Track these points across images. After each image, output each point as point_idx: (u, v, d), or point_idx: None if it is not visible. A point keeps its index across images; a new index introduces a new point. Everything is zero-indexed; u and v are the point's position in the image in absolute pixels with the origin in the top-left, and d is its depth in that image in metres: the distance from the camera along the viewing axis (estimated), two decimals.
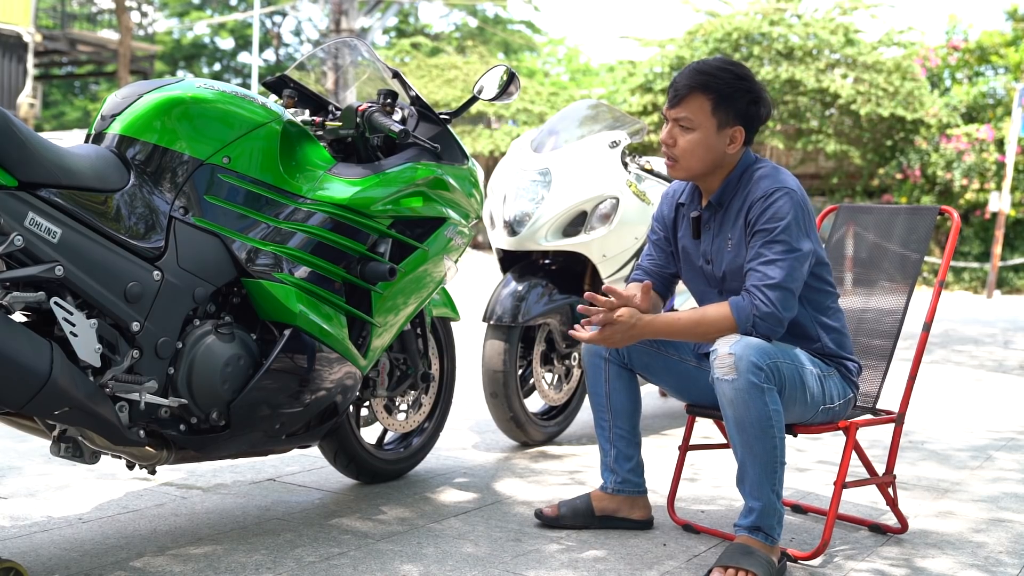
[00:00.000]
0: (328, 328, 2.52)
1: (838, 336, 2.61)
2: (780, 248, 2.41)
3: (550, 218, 3.65)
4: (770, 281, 2.40)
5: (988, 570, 2.53)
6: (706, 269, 2.61)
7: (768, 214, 2.44)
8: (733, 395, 2.33)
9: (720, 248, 2.56)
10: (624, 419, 2.73)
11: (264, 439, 2.50)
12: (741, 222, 2.51)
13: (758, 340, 2.37)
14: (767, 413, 2.34)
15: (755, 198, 2.47)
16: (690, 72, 2.50)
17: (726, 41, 16.30)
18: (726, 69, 2.50)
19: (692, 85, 2.48)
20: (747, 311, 2.40)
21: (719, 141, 2.50)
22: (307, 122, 2.79)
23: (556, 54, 36.55)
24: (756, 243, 2.44)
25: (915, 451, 3.92)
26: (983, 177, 15.44)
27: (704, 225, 2.61)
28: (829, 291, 2.61)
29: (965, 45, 17.63)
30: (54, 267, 2.01)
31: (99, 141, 2.31)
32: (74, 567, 2.30)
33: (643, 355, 2.69)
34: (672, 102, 2.52)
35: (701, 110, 2.48)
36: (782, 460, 2.39)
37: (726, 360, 2.34)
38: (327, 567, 2.37)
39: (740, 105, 2.50)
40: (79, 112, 33.02)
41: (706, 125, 2.49)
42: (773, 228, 2.42)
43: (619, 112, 4.16)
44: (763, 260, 2.42)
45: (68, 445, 2.25)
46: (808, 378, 2.47)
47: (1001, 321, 10.31)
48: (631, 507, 2.76)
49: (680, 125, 2.51)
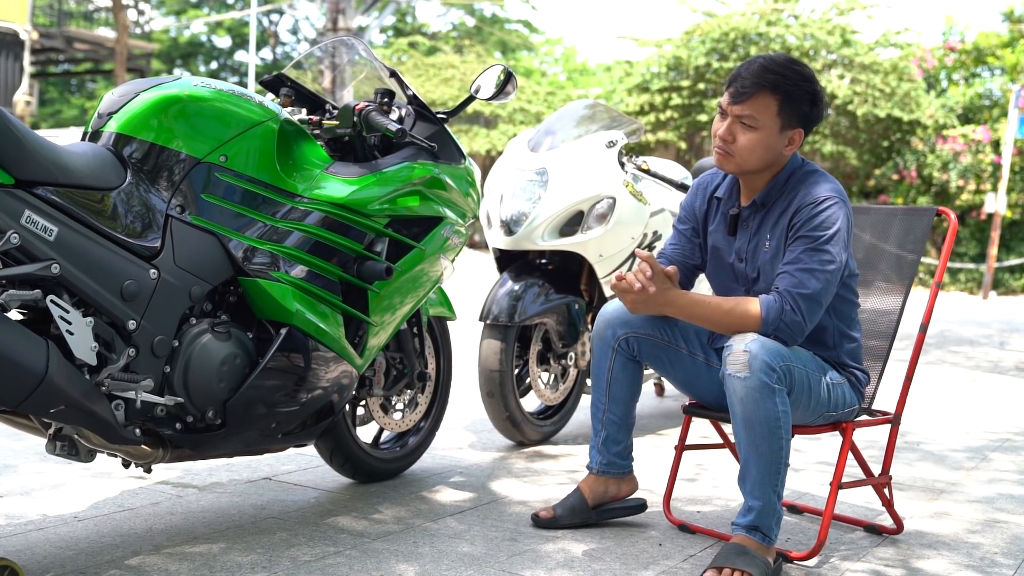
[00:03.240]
0: (324, 327, 2.52)
1: (854, 347, 2.60)
2: (822, 258, 2.38)
3: (547, 218, 3.65)
4: (805, 291, 2.37)
5: (983, 571, 2.53)
6: (737, 267, 2.59)
7: (816, 221, 2.40)
8: (744, 393, 2.33)
9: (757, 248, 2.54)
10: (619, 406, 2.72)
11: (260, 438, 2.50)
12: (784, 223, 2.47)
13: (774, 342, 2.36)
14: (776, 414, 2.33)
15: (805, 202, 2.43)
16: (759, 70, 2.44)
17: (723, 41, 16.30)
18: (794, 69, 2.45)
19: (761, 83, 2.42)
20: (776, 314, 2.37)
21: (779, 142, 2.47)
22: (304, 121, 2.79)
23: (553, 53, 36.54)
24: (798, 248, 2.41)
25: (911, 452, 3.92)
26: (979, 178, 15.45)
27: (742, 223, 2.58)
28: (854, 302, 2.59)
29: (962, 46, 17.64)
30: (50, 265, 2.01)
31: (96, 139, 2.30)
32: (69, 565, 2.30)
33: (653, 347, 2.67)
34: (737, 98, 2.44)
35: (767, 110, 2.43)
36: (786, 462, 2.39)
37: (740, 357, 2.32)
38: (323, 566, 2.37)
39: (804, 107, 2.46)
40: (76, 110, 32.97)
41: (770, 125, 2.44)
42: (819, 236, 2.39)
43: (616, 112, 4.16)
44: (802, 267, 2.39)
45: (64, 443, 2.24)
46: (818, 385, 2.46)
47: (997, 322, 10.32)
48: (619, 486, 2.77)
49: (742, 122, 2.45)
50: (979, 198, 15.39)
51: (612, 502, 2.78)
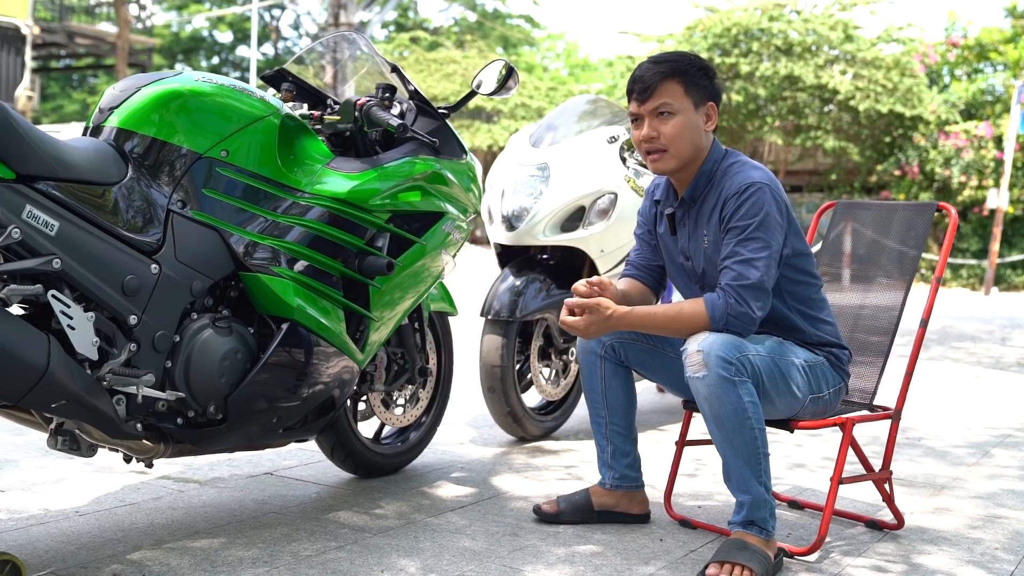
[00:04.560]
0: (326, 322, 2.52)
1: (825, 325, 2.61)
2: (755, 246, 2.41)
3: (548, 213, 3.65)
4: (745, 281, 2.39)
5: (984, 566, 2.53)
6: (686, 265, 2.62)
7: (743, 210, 2.43)
8: (706, 391, 2.34)
9: (697, 245, 2.56)
10: (620, 415, 2.73)
11: (261, 433, 2.50)
12: (716, 218, 2.50)
13: (727, 335, 2.37)
14: (742, 405, 2.34)
15: (729, 194, 2.46)
16: (650, 64, 2.52)
17: (725, 37, 16.29)
18: (680, 53, 2.55)
19: (658, 74, 2.49)
20: (721, 309, 2.39)
21: (699, 119, 2.52)
22: (305, 116, 2.79)
23: (555, 49, 36.53)
24: (731, 240, 2.43)
25: (912, 447, 3.92)
26: (981, 174, 15.44)
27: (679, 222, 2.61)
28: (812, 282, 2.59)
29: (964, 42, 17.63)
30: (51, 260, 2.01)
31: (97, 134, 2.30)
32: (71, 560, 2.30)
33: (639, 352, 2.69)
34: (644, 95, 2.51)
35: (675, 93, 2.50)
36: (764, 452, 2.39)
37: (695, 358, 2.34)
38: (324, 561, 2.37)
39: (704, 81, 2.53)
40: (77, 105, 32.98)
41: (685, 106, 2.50)
42: (748, 225, 2.41)
43: (618, 107, 4.16)
44: (739, 259, 2.41)
45: (65, 438, 2.25)
46: (789, 369, 2.47)
47: (998, 318, 10.32)
48: (629, 502, 2.77)
49: (659, 114, 2.50)
50: (981, 194, 15.39)
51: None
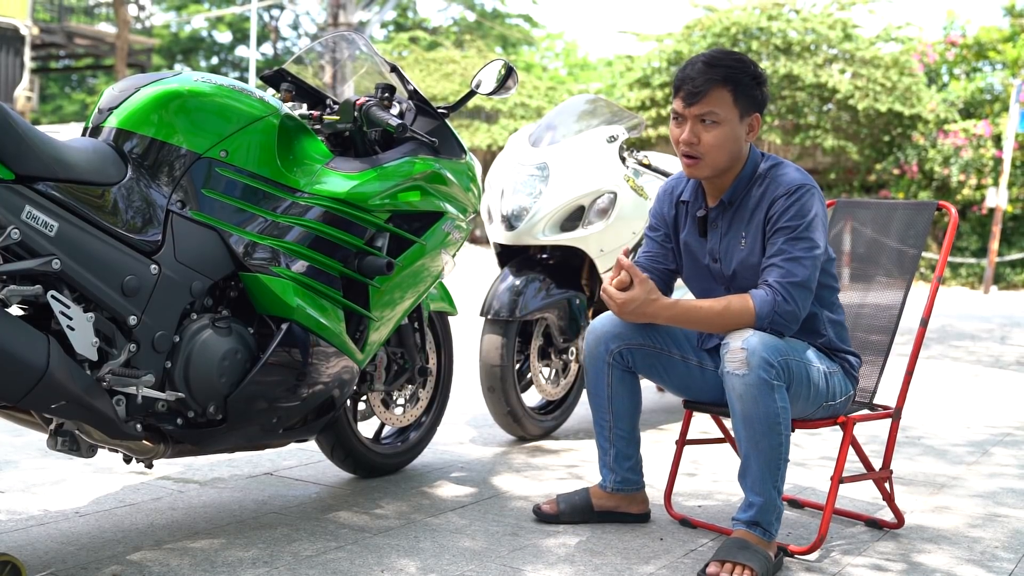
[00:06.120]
0: (325, 322, 2.52)
1: (841, 330, 2.62)
2: (805, 245, 2.41)
3: (548, 212, 3.65)
4: (795, 279, 2.39)
5: (984, 565, 2.53)
6: (713, 267, 2.60)
7: (793, 210, 2.43)
8: (743, 390, 2.33)
9: (730, 246, 2.54)
10: (625, 420, 2.72)
11: (261, 433, 2.50)
12: (760, 218, 2.48)
13: (770, 336, 2.36)
14: (775, 410, 2.34)
15: (779, 194, 2.46)
16: (704, 67, 2.45)
17: (724, 36, 16.28)
18: (735, 58, 2.48)
19: (711, 79, 2.44)
20: (770, 307, 2.38)
21: (742, 131, 2.49)
22: (305, 116, 2.79)
23: (554, 48, 36.53)
24: (780, 239, 2.43)
25: (912, 446, 3.92)
26: (980, 173, 15.44)
27: (711, 224, 2.59)
28: (834, 286, 2.62)
29: (963, 41, 17.62)
30: (51, 260, 2.01)
31: (96, 134, 2.30)
32: (70, 561, 2.30)
33: (646, 357, 2.67)
34: (692, 98, 2.45)
35: (723, 102, 2.45)
36: (786, 458, 2.39)
37: (738, 355, 2.33)
38: (324, 561, 2.37)
39: (754, 91, 2.49)
40: (76, 105, 32.97)
41: (730, 117, 2.46)
42: (799, 224, 2.42)
43: (617, 107, 4.16)
44: (788, 257, 2.41)
45: (65, 439, 2.24)
46: (814, 375, 2.47)
47: (998, 317, 10.32)
48: (630, 503, 2.77)
49: (703, 121, 2.46)
50: (980, 193, 15.39)
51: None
